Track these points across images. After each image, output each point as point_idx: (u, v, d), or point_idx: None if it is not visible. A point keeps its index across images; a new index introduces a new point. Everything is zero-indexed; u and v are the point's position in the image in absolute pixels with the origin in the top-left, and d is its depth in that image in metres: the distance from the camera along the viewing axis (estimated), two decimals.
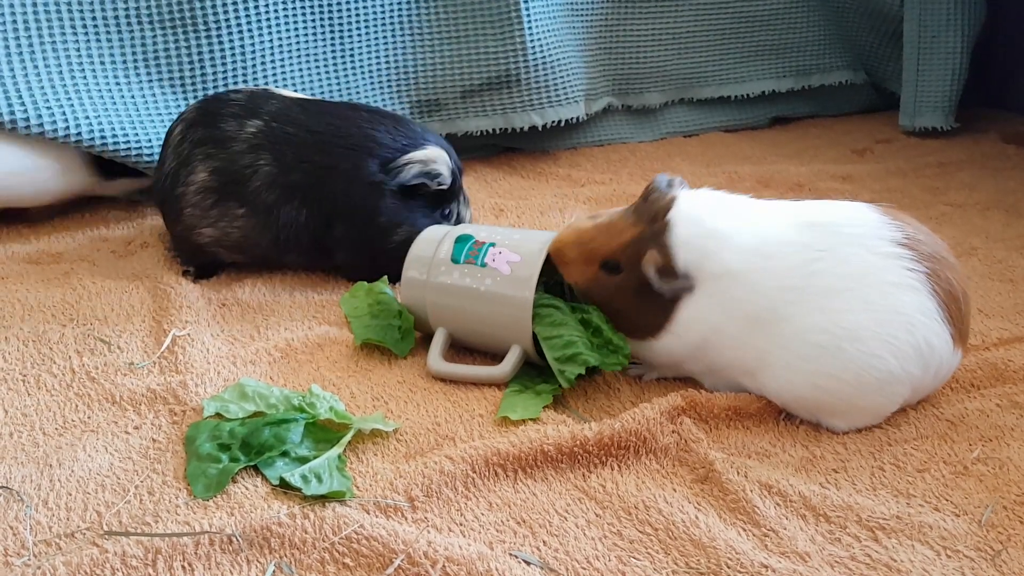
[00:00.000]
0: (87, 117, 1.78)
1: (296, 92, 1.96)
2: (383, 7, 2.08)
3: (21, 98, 1.73)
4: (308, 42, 2.01)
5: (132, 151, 1.82)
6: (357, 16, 2.05)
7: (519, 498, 1.05)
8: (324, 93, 2.02)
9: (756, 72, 2.60)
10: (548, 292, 1.31)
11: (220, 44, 1.89)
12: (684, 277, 1.16)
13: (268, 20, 1.94)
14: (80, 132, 1.76)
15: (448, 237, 1.36)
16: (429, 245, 1.36)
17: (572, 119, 2.27)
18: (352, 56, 2.05)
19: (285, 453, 1.09)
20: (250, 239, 1.57)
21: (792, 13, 2.59)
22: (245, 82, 1.92)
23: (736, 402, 1.20)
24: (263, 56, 1.94)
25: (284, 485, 1.04)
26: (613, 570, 0.95)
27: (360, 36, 2.06)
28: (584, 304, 1.27)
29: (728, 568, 0.95)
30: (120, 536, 0.96)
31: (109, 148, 1.79)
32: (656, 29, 2.46)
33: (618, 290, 1.22)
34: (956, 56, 2.42)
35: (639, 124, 2.51)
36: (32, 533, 0.97)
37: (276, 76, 1.96)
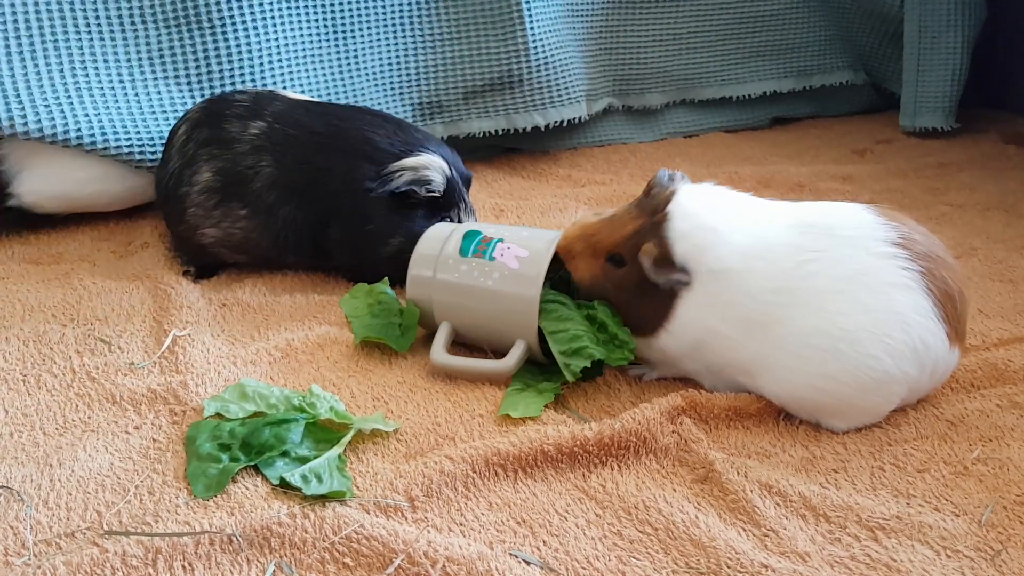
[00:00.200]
0: (87, 116, 1.78)
1: (301, 93, 1.97)
2: (385, 8, 2.09)
3: (20, 100, 1.73)
4: (312, 42, 2.01)
5: (135, 151, 1.82)
6: (360, 17, 2.05)
7: (519, 498, 1.05)
8: (329, 94, 2.02)
9: (757, 73, 2.60)
10: (554, 288, 1.31)
11: (226, 42, 1.89)
12: (682, 270, 1.16)
13: (273, 19, 1.94)
14: (80, 133, 1.76)
15: (456, 233, 1.37)
16: (435, 242, 1.36)
17: (574, 119, 2.27)
18: (356, 57, 2.05)
19: (285, 453, 1.09)
20: (252, 240, 1.58)
21: (793, 14, 2.59)
22: (252, 82, 1.92)
23: (736, 402, 1.20)
24: (268, 55, 1.94)
25: (284, 485, 1.04)
26: (613, 570, 0.95)
27: (363, 37, 2.06)
28: (590, 301, 1.28)
29: (728, 568, 0.95)
30: (120, 536, 0.96)
31: (111, 149, 1.79)
32: (657, 30, 2.46)
33: (621, 284, 1.23)
34: (956, 56, 2.42)
35: (640, 125, 2.51)
36: (32, 533, 0.97)
37: (281, 76, 1.96)
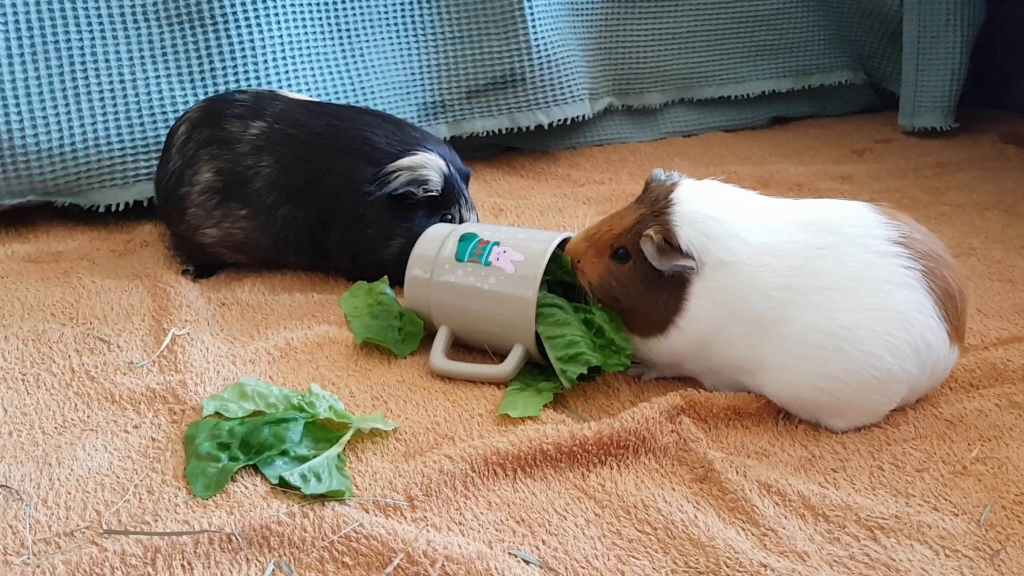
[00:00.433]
0: (83, 118, 1.78)
1: (305, 92, 1.97)
2: (388, 7, 2.08)
3: (18, 103, 1.74)
4: (316, 41, 2.00)
5: (139, 152, 1.82)
6: (363, 16, 2.05)
7: (518, 497, 1.05)
8: (333, 93, 2.01)
9: (756, 72, 2.60)
10: (551, 292, 1.31)
11: (228, 40, 1.89)
12: (687, 256, 1.15)
13: (276, 17, 1.93)
14: (74, 136, 1.76)
15: (452, 235, 1.36)
16: (433, 243, 1.36)
17: (578, 117, 2.27)
18: (361, 56, 2.04)
19: (284, 452, 1.09)
20: (252, 240, 1.58)
21: (792, 13, 2.59)
22: (256, 80, 1.91)
23: (735, 402, 1.20)
24: (272, 53, 1.93)
25: (283, 484, 1.04)
26: (612, 569, 0.95)
27: (367, 37, 2.06)
28: (588, 304, 1.27)
29: (727, 567, 0.95)
30: (119, 535, 0.96)
31: (114, 148, 1.79)
32: (656, 29, 2.46)
33: (629, 281, 1.22)
34: (955, 56, 2.42)
35: (639, 124, 2.51)
36: (31, 532, 0.97)
37: (285, 73, 1.95)
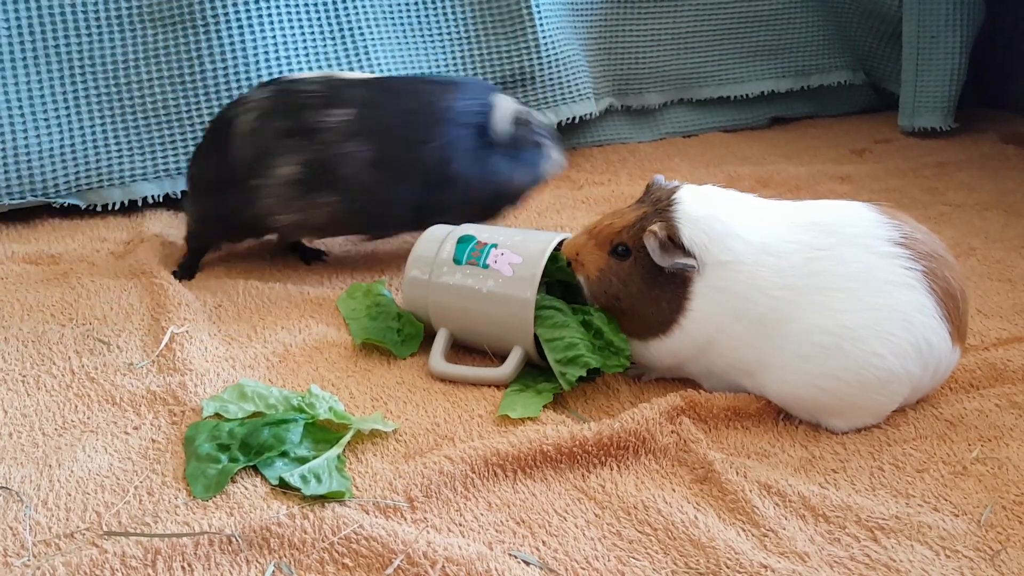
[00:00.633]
0: (81, 119, 1.78)
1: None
2: (391, 7, 2.08)
3: (20, 105, 1.74)
4: (315, 41, 2.00)
5: (133, 152, 1.82)
6: (366, 16, 2.05)
7: (518, 498, 1.05)
8: None
9: (755, 72, 2.60)
10: (549, 293, 1.31)
11: (220, 42, 1.89)
12: (688, 254, 1.15)
13: (270, 18, 1.93)
14: (73, 137, 1.76)
15: (450, 237, 1.35)
16: (431, 245, 1.36)
17: (586, 115, 2.26)
18: (366, 56, 2.04)
19: (284, 453, 1.09)
20: (338, 220, 1.55)
21: (791, 13, 2.59)
22: (248, 81, 1.91)
23: (735, 402, 1.20)
24: (266, 55, 1.93)
25: (283, 485, 1.04)
26: (612, 570, 0.95)
27: (371, 36, 2.05)
28: (586, 305, 1.27)
29: (727, 568, 0.95)
30: (119, 536, 0.96)
31: (112, 149, 1.79)
32: (655, 29, 2.46)
33: (629, 278, 1.21)
34: (955, 56, 2.42)
35: (638, 124, 2.51)
36: (31, 533, 0.97)
37: (279, 74, 1.95)
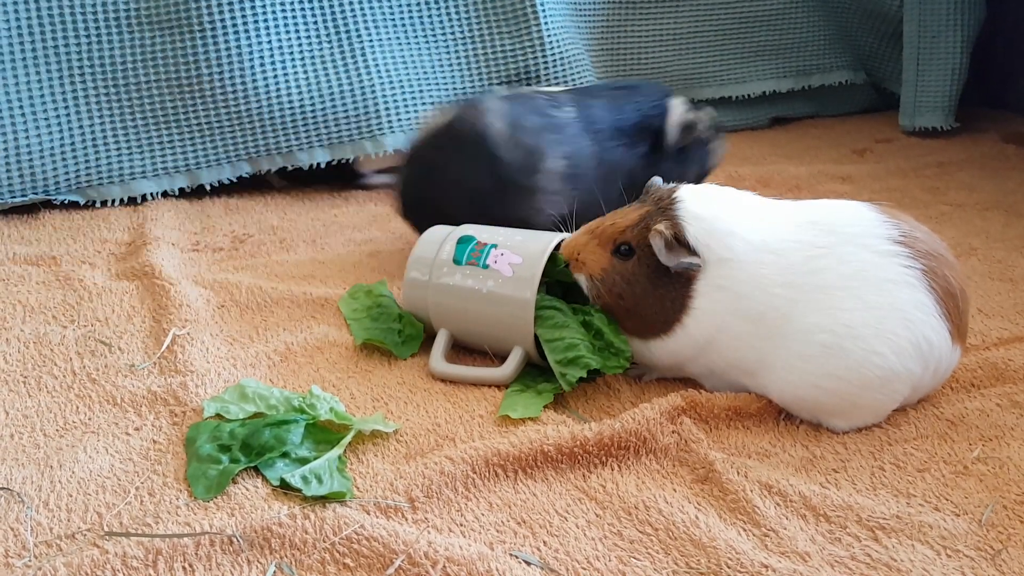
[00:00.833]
0: (80, 118, 1.78)
1: (298, 95, 1.96)
2: (393, 8, 2.08)
3: (21, 104, 1.74)
4: (312, 43, 2.00)
5: (132, 151, 1.82)
6: (365, 17, 2.05)
7: (519, 498, 1.05)
8: (329, 94, 2.01)
9: (756, 72, 2.60)
10: (549, 293, 1.31)
11: (216, 46, 1.90)
12: (693, 253, 1.16)
13: (267, 22, 1.94)
14: (72, 136, 1.76)
15: (450, 238, 1.35)
16: (431, 246, 1.36)
17: None
18: (363, 58, 2.04)
19: (285, 454, 1.09)
20: (577, 213, 1.64)
21: (792, 13, 2.59)
22: (244, 86, 1.92)
23: (736, 402, 1.20)
24: (260, 58, 1.94)
25: (284, 486, 1.04)
26: (613, 570, 0.95)
27: (371, 38, 2.05)
28: (586, 306, 1.27)
29: (728, 568, 0.95)
30: (121, 537, 0.96)
31: (111, 147, 1.80)
32: (656, 30, 2.46)
33: (633, 277, 1.21)
34: (956, 56, 2.42)
35: None
36: (33, 534, 0.97)
37: (274, 78, 1.96)
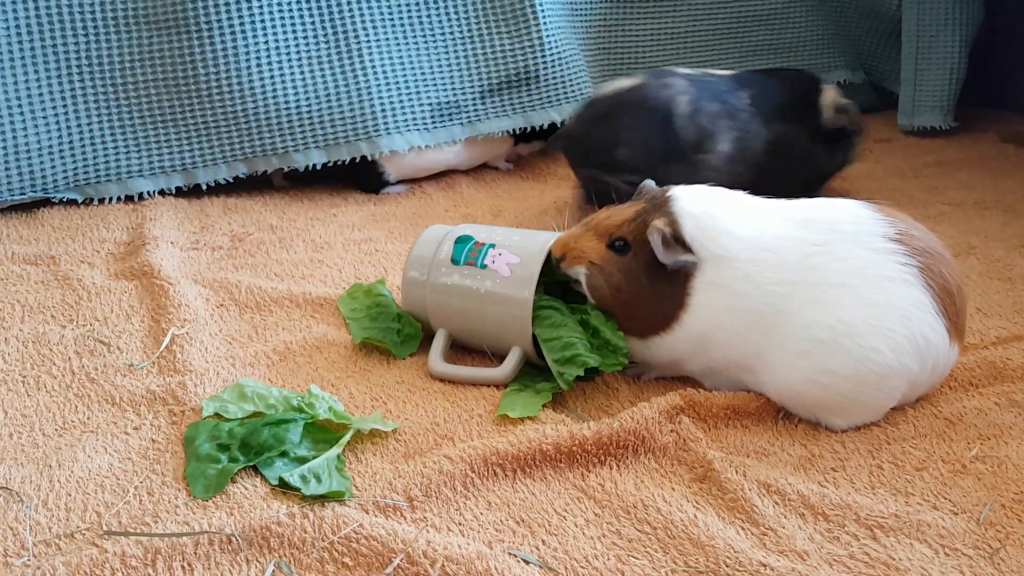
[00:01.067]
0: (79, 117, 1.78)
1: (294, 96, 1.96)
2: (390, 7, 2.08)
3: (20, 103, 1.74)
4: (309, 44, 2.00)
5: (130, 150, 1.82)
6: (363, 18, 2.04)
7: (518, 497, 1.05)
8: (325, 94, 2.01)
9: None
10: (547, 293, 1.31)
11: (212, 46, 1.90)
12: (689, 251, 1.16)
13: (264, 22, 1.94)
14: (71, 134, 1.77)
15: (448, 238, 1.35)
16: (429, 245, 1.36)
17: None
18: (360, 58, 2.03)
19: (284, 453, 1.09)
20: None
21: (791, 13, 2.59)
22: (240, 86, 1.92)
23: (734, 401, 1.20)
24: (257, 58, 1.94)
25: (283, 485, 1.04)
26: (612, 569, 0.95)
27: (368, 37, 2.05)
28: (583, 305, 1.27)
29: (727, 567, 0.95)
30: (120, 536, 0.96)
31: (108, 146, 1.80)
32: (655, 29, 2.45)
33: (631, 272, 1.21)
34: (954, 55, 2.42)
35: None
36: (32, 533, 0.97)
37: (271, 78, 1.95)
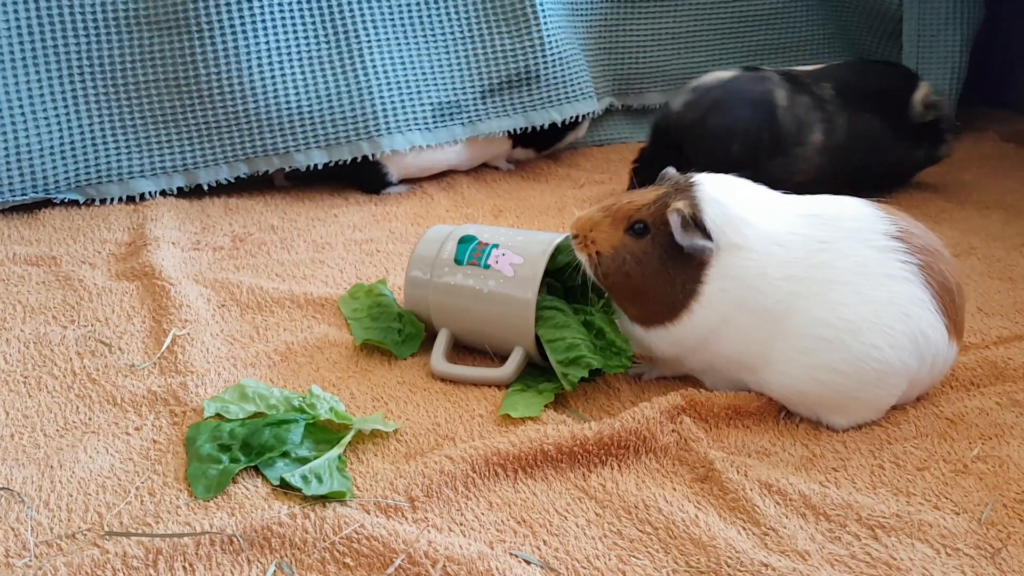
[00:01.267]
0: (80, 117, 1.78)
1: (294, 96, 1.96)
2: (391, 7, 2.08)
3: (21, 103, 1.75)
4: (310, 44, 2.00)
5: (131, 150, 1.83)
6: (364, 18, 2.04)
7: (519, 498, 1.05)
8: (330, 94, 2.01)
9: None
10: (550, 293, 1.31)
11: (213, 46, 1.90)
12: (708, 236, 1.15)
13: (265, 23, 1.94)
14: (72, 135, 1.77)
15: (451, 237, 1.35)
16: (433, 245, 1.35)
17: (589, 114, 2.26)
18: (361, 58, 2.03)
19: (285, 454, 1.09)
20: (811, 180, 1.80)
21: (792, 12, 2.59)
22: (240, 86, 1.92)
23: (736, 401, 1.20)
24: (259, 58, 1.94)
25: (284, 485, 1.04)
26: (613, 569, 0.95)
27: (369, 37, 2.05)
28: (587, 306, 1.27)
29: (728, 567, 0.95)
30: (121, 537, 0.96)
31: (109, 146, 1.80)
32: (656, 29, 2.46)
33: (645, 257, 1.19)
34: (955, 55, 2.42)
35: (639, 124, 2.51)
36: (33, 534, 0.97)
37: (271, 78, 1.95)
